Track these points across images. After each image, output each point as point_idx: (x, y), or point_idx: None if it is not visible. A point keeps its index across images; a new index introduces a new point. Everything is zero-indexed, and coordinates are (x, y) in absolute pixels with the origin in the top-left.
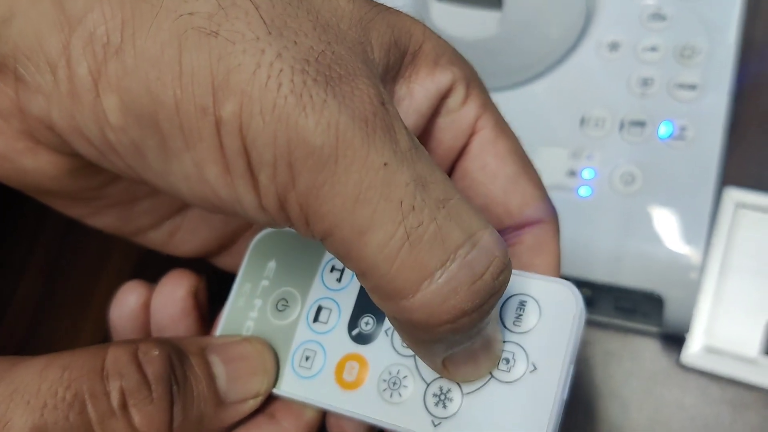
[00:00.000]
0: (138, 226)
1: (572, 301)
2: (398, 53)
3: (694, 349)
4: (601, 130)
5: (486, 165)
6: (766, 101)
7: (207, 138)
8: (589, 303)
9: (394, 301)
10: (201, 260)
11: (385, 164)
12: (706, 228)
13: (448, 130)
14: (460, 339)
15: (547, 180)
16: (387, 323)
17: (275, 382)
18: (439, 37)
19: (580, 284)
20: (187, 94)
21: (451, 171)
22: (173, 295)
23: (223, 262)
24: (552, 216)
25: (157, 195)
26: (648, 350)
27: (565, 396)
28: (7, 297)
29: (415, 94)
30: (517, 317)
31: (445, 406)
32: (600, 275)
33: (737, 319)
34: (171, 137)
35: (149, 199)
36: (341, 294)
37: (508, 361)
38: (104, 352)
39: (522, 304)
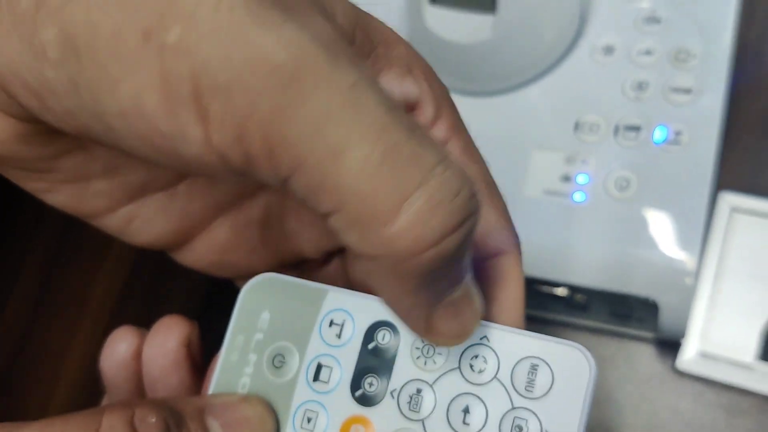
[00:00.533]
0: (93, 208)
1: (585, 365)
2: (367, 39)
3: (689, 355)
4: (595, 134)
5: None
6: (761, 105)
7: (147, 64)
8: (584, 308)
9: (376, 231)
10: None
11: (352, 84)
12: (701, 233)
13: None
14: (444, 276)
15: (541, 185)
16: (392, 384)
17: None
18: (416, 51)
19: (575, 290)
20: (129, 19)
21: None
22: (164, 347)
23: (181, 257)
24: (515, 245)
25: (111, 176)
26: (643, 356)
27: None
28: (5, 294)
29: None
30: (528, 382)
31: None
32: (595, 281)
33: (732, 325)
34: (108, 66)
35: (104, 179)
36: (342, 351)
37: (521, 428)
38: (99, 418)
39: (534, 368)
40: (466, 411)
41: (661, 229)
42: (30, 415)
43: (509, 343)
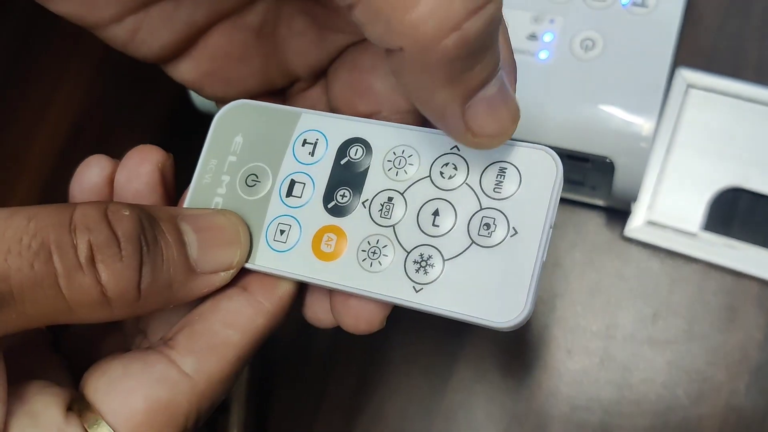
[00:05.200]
0: (100, 17)
1: (552, 166)
2: None
3: (637, 223)
4: None
5: None
6: None
7: None
8: None
9: (399, 19)
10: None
11: None
12: (661, 99)
13: None
14: (471, 67)
15: None
16: (364, 195)
17: (248, 256)
18: None
19: None
20: None
21: None
22: (138, 170)
23: (176, 70)
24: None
25: None
26: (593, 223)
27: (544, 258)
28: None
29: None
30: (497, 184)
31: (426, 273)
32: (554, 140)
33: (680, 196)
34: None
35: None
36: (314, 168)
37: (488, 226)
38: (72, 207)
39: (502, 171)
40: (436, 214)
41: (622, 91)
42: None
43: (480, 151)
